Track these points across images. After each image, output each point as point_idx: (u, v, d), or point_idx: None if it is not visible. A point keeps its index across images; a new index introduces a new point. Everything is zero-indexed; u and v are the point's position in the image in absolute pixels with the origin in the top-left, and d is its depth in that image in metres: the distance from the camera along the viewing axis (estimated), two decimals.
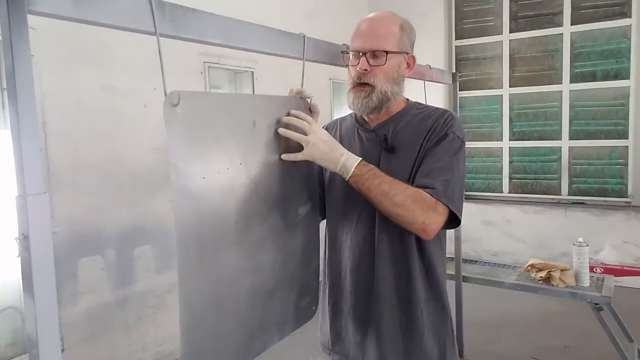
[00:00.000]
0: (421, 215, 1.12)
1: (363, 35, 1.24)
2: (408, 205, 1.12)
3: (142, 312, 2.93)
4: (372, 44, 1.22)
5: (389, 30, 1.23)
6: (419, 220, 1.12)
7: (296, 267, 1.25)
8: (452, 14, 5.23)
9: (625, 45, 4.44)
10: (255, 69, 3.70)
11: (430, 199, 1.13)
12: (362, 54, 1.22)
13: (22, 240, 0.68)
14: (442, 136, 1.21)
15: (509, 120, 5.03)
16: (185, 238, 0.93)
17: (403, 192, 1.12)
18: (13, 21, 0.67)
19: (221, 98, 1.17)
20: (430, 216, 1.13)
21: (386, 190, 1.12)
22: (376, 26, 1.24)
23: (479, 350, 3.03)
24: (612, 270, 3.91)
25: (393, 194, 1.12)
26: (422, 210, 1.12)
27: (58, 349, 0.72)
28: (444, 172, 1.17)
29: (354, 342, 1.33)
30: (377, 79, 1.22)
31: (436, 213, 1.14)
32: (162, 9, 0.88)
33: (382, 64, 1.21)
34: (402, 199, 1.12)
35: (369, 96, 1.23)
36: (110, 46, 2.71)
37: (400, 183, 1.14)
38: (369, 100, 1.23)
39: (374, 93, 1.23)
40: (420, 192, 1.14)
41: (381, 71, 1.22)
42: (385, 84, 1.23)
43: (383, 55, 1.21)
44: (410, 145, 1.24)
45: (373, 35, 1.22)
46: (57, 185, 2.49)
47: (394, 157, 1.25)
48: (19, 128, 0.68)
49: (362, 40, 1.24)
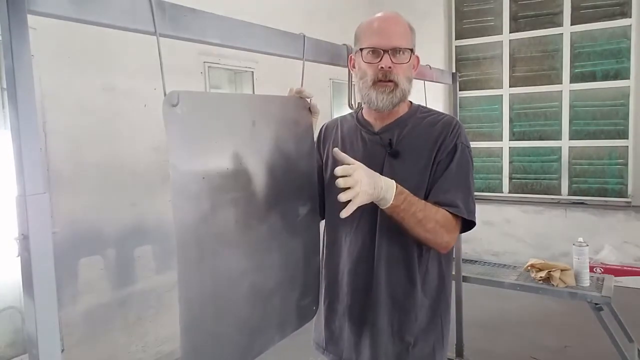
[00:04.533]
0: (446, 236, 1.19)
1: (383, 32, 1.22)
2: (437, 230, 1.16)
3: (142, 312, 2.93)
4: (394, 41, 1.21)
5: (404, 29, 1.24)
6: (445, 240, 1.20)
7: (296, 267, 1.25)
8: (452, 14, 5.23)
9: (625, 45, 4.44)
10: (255, 69, 3.69)
11: (453, 219, 1.18)
12: (384, 51, 1.21)
13: (22, 240, 0.68)
14: (452, 148, 1.22)
15: (509, 120, 5.03)
16: (185, 238, 0.93)
17: (433, 219, 1.16)
18: (13, 21, 0.67)
19: (221, 98, 1.18)
20: (453, 236, 1.20)
21: (420, 218, 1.14)
22: (394, 24, 1.24)
23: (479, 350, 3.03)
24: (612, 270, 3.91)
25: (425, 222, 1.15)
26: (447, 231, 1.18)
27: (58, 349, 0.72)
28: (462, 188, 1.21)
29: (348, 343, 1.33)
30: (399, 76, 1.23)
31: (457, 230, 1.21)
32: (162, 9, 0.88)
33: (405, 61, 1.22)
34: (433, 225, 1.16)
35: (393, 92, 1.23)
36: (110, 46, 2.71)
37: (430, 208, 1.16)
38: (393, 97, 1.23)
39: (397, 89, 1.23)
40: (446, 215, 1.17)
41: (402, 69, 1.23)
42: (405, 82, 1.25)
43: (407, 52, 1.22)
44: (417, 153, 1.24)
45: (394, 32, 1.22)
46: (57, 185, 2.48)
47: (398, 163, 1.25)
48: (19, 128, 0.68)
49: (383, 38, 1.21)
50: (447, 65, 5.20)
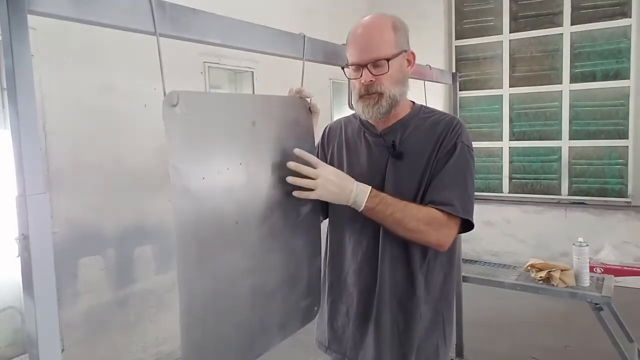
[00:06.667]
0: (434, 234, 1.19)
1: (360, 46, 1.21)
2: (421, 228, 1.17)
3: (142, 312, 2.93)
4: (371, 55, 1.19)
5: (383, 36, 1.20)
6: (433, 239, 1.20)
7: (297, 268, 1.25)
8: (452, 14, 5.22)
9: (625, 45, 4.44)
10: (255, 69, 3.69)
11: (441, 217, 1.18)
12: (362, 66, 1.21)
13: (22, 240, 0.68)
14: (452, 147, 1.22)
15: (509, 120, 5.03)
16: (185, 238, 0.93)
17: (415, 218, 1.16)
18: (13, 21, 0.67)
19: (220, 98, 1.18)
20: (443, 233, 1.19)
21: (398, 218, 1.16)
22: (370, 34, 1.21)
23: (479, 350, 3.03)
24: (612, 270, 3.90)
25: (406, 222, 1.16)
26: (435, 229, 1.18)
27: (58, 349, 0.72)
28: (459, 186, 1.21)
29: (352, 342, 1.33)
30: (383, 86, 1.22)
31: (449, 228, 1.19)
32: (162, 9, 0.88)
33: (385, 72, 1.20)
34: (415, 224, 1.16)
35: (378, 103, 1.23)
36: (110, 46, 2.71)
37: (411, 207, 1.17)
38: (379, 107, 1.23)
39: (382, 99, 1.22)
40: (431, 213, 1.17)
41: (386, 78, 1.21)
42: (392, 88, 1.23)
43: (384, 63, 1.19)
44: (419, 153, 1.24)
45: (369, 45, 1.20)
46: (57, 185, 2.48)
47: (401, 164, 1.25)
48: (19, 128, 0.68)
49: (359, 52, 1.21)
50: (447, 65, 5.20)
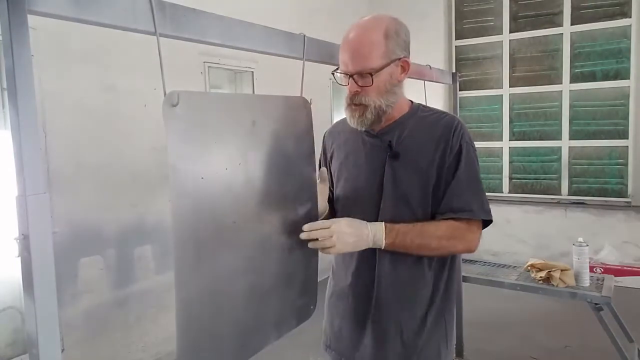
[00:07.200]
0: (460, 244, 1.21)
1: (346, 55, 1.19)
2: (445, 244, 1.19)
3: (142, 312, 2.93)
4: (356, 66, 1.17)
5: (372, 45, 1.17)
6: (460, 248, 1.23)
7: (294, 267, 1.25)
8: (452, 14, 5.22)
9: (625, 45, 4.44)
10: (255, 69, 3.69)
11: (463, 225, 1.19)
12: (349, 75, 1.20)
13: (22, 240, 0.68)
14: (458, 150, 1.22)
15: (509, 120, 5.03)
16: (183, 238, 0.93)
17: (435, 237, 1.18)
18: (13, 21, 0.67)
19: (220, 98, 1.18)
20: (468, 239, 1.21)
21: (419, 243, 1.18)
22: (359, 42, 1.18)
23: (479, 350, 3.03)
24: (612, 270, 3.91)
25: (428, 243, 1.18)
26: (460, 240, 1.20)
27: (58, 349, 0.72)
28: (474, 190, 1.22)
29: (352, 342, 1.33)
30: (368, 97, 1.20)
31: (472, 232, 1.21)
32: (162, 9, 0.88)
33: (369, 84, 1.18)
34: (437, 243, 1.18)
35: (363, 115, 1.22)
36: (110, 46, 2.71)
37: (428, 228, 1.19)
38: (364, 119, 1.23)
39: (367, 111, 1.21)
40: (451, 226, 1.19)
41: (372, 89, 1.19)
42: (378, 100, 1.21)
43: (368, 76, 1.17)
44: (418, 153, 1.24)
45: (356, 55, 1.17)
46: (57, 185, 2.49)
47: (399, 164, 1.25)
48: (19, 128, 0.68)
49: (346, 61, 1.19)
50: (447, 65, 5.20)
